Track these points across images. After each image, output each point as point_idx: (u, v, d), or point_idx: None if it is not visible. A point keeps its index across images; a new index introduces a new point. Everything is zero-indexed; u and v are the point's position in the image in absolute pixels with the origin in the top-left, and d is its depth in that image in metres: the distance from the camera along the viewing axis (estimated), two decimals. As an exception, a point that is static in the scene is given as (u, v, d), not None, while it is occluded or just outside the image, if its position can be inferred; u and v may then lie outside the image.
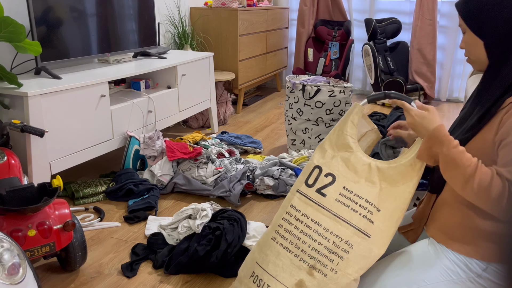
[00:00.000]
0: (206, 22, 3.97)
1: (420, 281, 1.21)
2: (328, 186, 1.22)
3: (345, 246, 1.18)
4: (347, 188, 1.21)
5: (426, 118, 1.20)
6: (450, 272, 1.21)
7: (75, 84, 2.16)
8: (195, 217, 1.91)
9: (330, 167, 1.24)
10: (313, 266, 1.19)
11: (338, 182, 1.22)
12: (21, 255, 1.16)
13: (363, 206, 1.19)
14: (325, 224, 1.20)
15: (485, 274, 1.18)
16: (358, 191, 1.20)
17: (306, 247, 1.20)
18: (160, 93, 2.80)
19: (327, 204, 1.21)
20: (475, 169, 1.11)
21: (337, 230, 1.19)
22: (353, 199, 1.20)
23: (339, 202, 1.20)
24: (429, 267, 1.22)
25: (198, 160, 2.50)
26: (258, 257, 1.27)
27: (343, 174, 1.22)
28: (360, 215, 1.19)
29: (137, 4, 2.89)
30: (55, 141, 2.09)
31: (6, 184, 1.64)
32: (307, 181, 1.26)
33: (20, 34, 1.90)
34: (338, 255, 1.18)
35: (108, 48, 2.68)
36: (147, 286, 1.67)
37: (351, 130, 1.26)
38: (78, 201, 2.30)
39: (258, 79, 4.40)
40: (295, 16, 5.05)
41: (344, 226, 1.19)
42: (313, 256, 1.19)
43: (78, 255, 1.68)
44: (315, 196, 1.23)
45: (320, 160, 1.27)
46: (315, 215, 1.21)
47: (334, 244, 1.18)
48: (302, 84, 2.85)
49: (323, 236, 1.19)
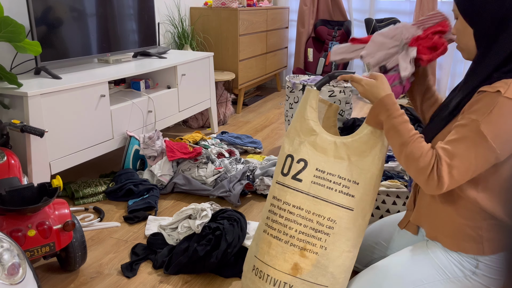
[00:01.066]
0: (206, 22, 3.97)
1: (417, 281, 1.22)
2: (302, 171, 1.29)
3: (329, 222, 1.26)
4: (319, 169, 1.27)
5: (375, 86, 1.26)
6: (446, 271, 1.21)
7: (75, 84, 2.16)
8: (195, 217, 1.91)
9: (300, 153, 1.30)
10: (303, 248, 1.26)
11: (310, 166, 1.28)
12: (21, 255, 1.16)
13: (337, 182, 1.27)
14: (306, 206, 1.27)
15: (478, 270, 1.20)
16: (330, 169, 1.27)
17: (293, 232, 1.27)
18: (160, 93, 2.80)
19: (304, 188, 1.28)
20: (412, 139, 1.17)
21: (318, 209, 1.26)
22: (327, 177, 1.27)
23: (315, 184, 1.27)
24: (426, 266, 1.23)
25: (198, 160, 2.50)
26: (255, 251, 1.35)
27: (313, 157, 1.28)
28: (336, 191, 1.26)
29: (137, 4, 2.89)
30: (55, 141, 2.09)
31: (6, 184, 1.64)
32: (282, 171, 1.33)
33: (20, 34, 1.90)
34: (324, 232, 1.26)
35: (108, 48, 2.68)
36: (147, 286, 1.67)
37: (311, 114, 1.32)
38: (78, 201, 2.29)
39: (258, 79, 4.40)
40: (295, 16, 5.05)
41: (324, 204, 1.26)
42: (301, 238, 1.26)
43: (78, 255, 1.68)
44: (292, 183, 1.29)
45: (290, 149, 1.33)
46: (295, 200, 1.28)
47: (318, 223, 1.26)
48: (302, 84, 2.85)
49: (307, 218, 1.26)
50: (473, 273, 1.20)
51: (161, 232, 1.95)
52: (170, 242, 1.89)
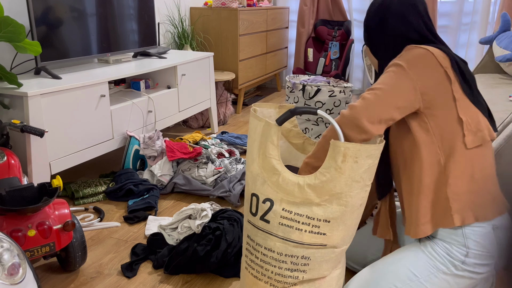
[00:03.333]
0: (206, 22, 3.97)
1: (412, 276, 1.26)
2: (269, 211, 1.22)
3: (303, 260, 1.22)
4: (286, 210, 1.20)
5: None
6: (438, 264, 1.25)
7: (75, 84, 2.16)
8: (195, 217, 1.91)
9: (265, 192, 1.23)
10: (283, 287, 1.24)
11: (276, 206, 1.21)
12: (21, 255, 1.16)
13: (306, 223, 1.19)
14: (277, 249, 1.23)
15: (468, 259, 1.23)
16: (297, 210, 1.19)
17: (270, 273, 1.25)
18: (160, 93, 2.80)
19: (272, 230, 1.22)
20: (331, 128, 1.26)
21: (290, 251, 1.22)
22: (295, 218, 1.20)
23: (283, 225, 1.21)
24: (420, 261, 1.27)
25: (198, 160, 2.50)
26: (242, 283, 1.34)
27: (278, 197, 1.21)
28: (306, 231, 1.20)
29: (137, 4, 2.89)
30: (55, 141, 2.09)
31: (6, 184, 1.64)
32: (251, 210, 1.28)
33: (20, 34, 1.90)
34: (300, 271, 1.23)
35: (108, 48, 2.68)
36: (147, 286, 1.67)
37: (273, 151, 1.22)
38: (78, 201, 2.29)
39: (258, 79, 4.40)
40: (295, 16, 5.05)
41: (295, 246, 1.21)
42: (279, 280, 1.24)
43: (78, 255, 1.68)
44: (261, 224, 1.24)
45: (254, 187, 1.26)
46: (266, 243, 1.24)
47: (292, 263, 1.22)
48: (302, 84, 2.85)
49: (280, 260, 1.23)
50: (463, 262, 1.23)
51: (161, 232, 1.95)
52: (170, 242, 1.89)
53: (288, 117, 1.25)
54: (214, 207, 2.02)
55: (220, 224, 1.79)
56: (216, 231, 1.76)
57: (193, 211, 1.93)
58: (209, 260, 1.69)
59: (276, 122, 1.23)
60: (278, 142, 1.23)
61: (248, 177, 1.29)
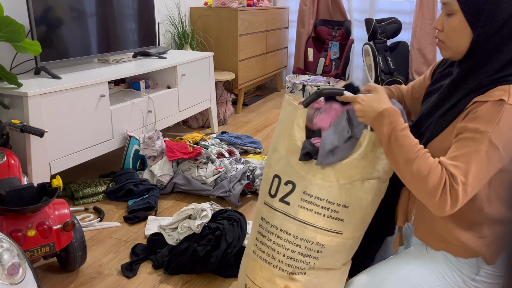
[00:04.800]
0: (206, 22, 3.97)
1: (417, 285, 1.21)
2: (290, 194, 1.23)
3: (317, 247, 1.22)
4: (307, 193, 1.21)
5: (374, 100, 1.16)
6: (446, 276, 1.21)
7: (75, 84, 2.16)
8: (195, 217, 1.91)
9: (288, 174, 1.23)
10: (292, 272, 1.24)
11: (298, 188, 1.22)
12: (20, 255, 1.16)
13: (326, 207, 1.20)
14: (293, 232, 1.22)
15: (478, 277, 1.19)
16: (318, 193, 1.20)
17: (281, 256, 1.24)
18: (160, 93, 2.80)
19: (292, 212, 1.23)
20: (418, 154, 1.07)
21: (306, 235, 1.22)
22: (315, 202, 1.21)
23: (302, 208, 1.21)
24: (427, 271, 1.23)
25: (198, 160, 2.50)
26: (247, 270, 1.33)
27: (300, 179, 1.22)
28: (325, 216, 1.20)
29: (137, 4, 2.89)
30: (55, 141, 2.09)
31: (6, 184, 1.64)
32: (270, 192, 1.28)
33: (20, 34, 1.90)
34: (312, 257, 1.23)
35: (107, 48, 2.68)
36: (147, 286, 1.67)
37: (299, 134, 1.24)
38: (78, 201, 2.29)
39: (258, 79, 4.40)
40: (295, 16, 5.05)
41: (311, 230, 1.21)
42: (290, 263, 1.24)
43: (78, 255, 1.68)
44: (280, 206, 1.24)
45: (277, 168, 1.26)
46: (283, 224, 1.24)
47: (306, 248, 1.22)
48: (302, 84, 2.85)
49: (294, 244, 1.22)
50: (473, 279, 1.19)
51: (161, 232, 1.95)
52: (170, 242, 1.89)
53: (314, 99, 1.24)
54: (214, 207, 2.02)
55: (220, 224, 1.79)
56: (216, 231, 1.76)
57: (193, 211, 1.93)
58: (209, 260, 1.69)
59: (302, 104, 1.24)
60: (304, 125, 1.24)
61: (271, 159, 1.29)
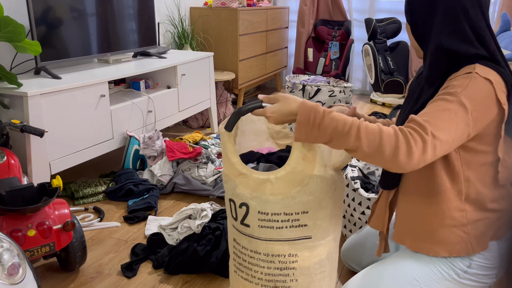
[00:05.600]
0: (206, 22, 3.97)
1: (413, 280, 1.23)
2: (247, 216, 1.21)
3: (291, 258, 1.22)
4: (262, 212, 1.19)
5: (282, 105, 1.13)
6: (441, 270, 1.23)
7: (75, 84, 2.16)
8: (195, 217, 1.91)
9: (238, 196, 1.22)
10: (274, 286, 1.24)
11: (251, 209, 1.20)
12: (20, 255, 1.16)
13: (285, 219, 1.18)
14: (262, 250, 1.22)
15: (470, 269, 1.21)
16: (273, 209, 1.18)
17: (259, 274, 1.24)
18: (160, 93, 2.80)
19: (254, 233, 1.22)
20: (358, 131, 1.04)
21: (275, 251, 1.21)
22: (272, 218, 1.18)
23: (263, 227, 1.20)
24: (421, 265, 1.24)
25: (198, 160, 2.50)
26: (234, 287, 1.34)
27: (251, 199, 1.20)
28: (287, 228, 1.19)
29: (137, 4, 2.89)
30: (55, 141, 2.09)
31: (6, 184, 1.64)
32: (232, 215, 1.27)
33: (20, 34, 1.90)
34: (289, 268, 1.22)
35: (107, 48, 2.68)
36: (147, 286, 1.67)
37: (234, 158, 1.22)
38: (78, 201, 2.29)
39: (258, 79, 4.40)
40: (295, 16, 5.05)
41: (278, 244, 1.20)
42: (270, 279, 1.24)
43: (77, 255, 1.68)
44: (243, 228, 1.24)
45: (229, 192, 1.25)
46: (251, 245, 1.24)
47: (280, 262, 1.22)
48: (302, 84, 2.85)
49: (268, 261, 1.22)
50: (465, 272, 1.21)
51: (161, 232, 1.95)
52: (170, 242, 1.89)
53: (234, 120, 1.20)
54: (214, 207, 2.02)
55: (220, 224, 1.79)
56: (216, 231, 1.76)
57: (193, 211, 1.93)
58: (209, 260, 1.69)
59: (225, 128, 1.21)
60: (234, 148, 1.22)
61: (224, 183, 1.29)
